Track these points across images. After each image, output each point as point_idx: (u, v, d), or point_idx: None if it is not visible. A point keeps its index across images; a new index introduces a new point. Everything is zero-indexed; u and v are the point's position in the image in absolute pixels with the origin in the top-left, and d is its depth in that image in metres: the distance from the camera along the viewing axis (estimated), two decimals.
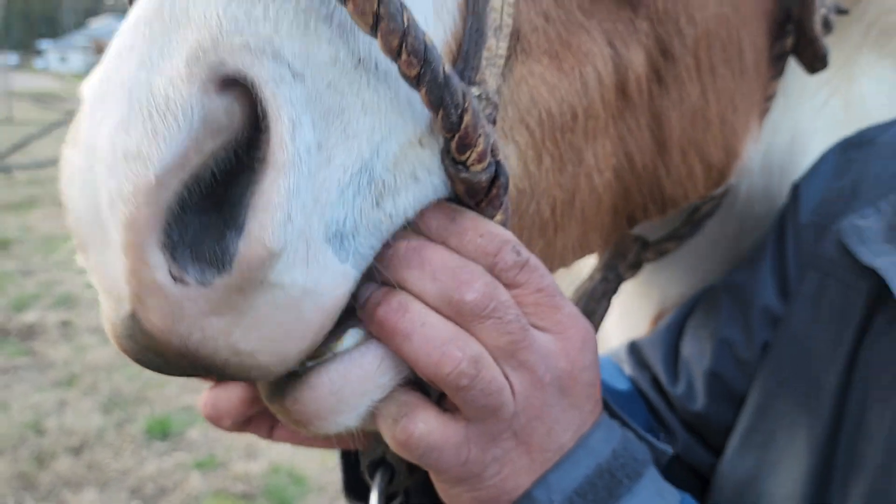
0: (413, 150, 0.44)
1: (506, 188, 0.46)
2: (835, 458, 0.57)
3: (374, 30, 0.40)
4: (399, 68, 0.41)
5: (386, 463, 0.58)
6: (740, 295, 0.72)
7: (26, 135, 9.46)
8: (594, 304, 0.73)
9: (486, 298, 0.43)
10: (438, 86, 0.41)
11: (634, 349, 0.82)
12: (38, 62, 74.44)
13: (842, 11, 0.71)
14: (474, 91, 0.45)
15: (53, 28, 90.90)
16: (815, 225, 0.67)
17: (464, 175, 0.44)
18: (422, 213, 0.45)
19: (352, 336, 0.45)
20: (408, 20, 0.40)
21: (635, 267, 0.76)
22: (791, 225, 0.70)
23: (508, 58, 0.48)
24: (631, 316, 0.87)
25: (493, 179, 0.45)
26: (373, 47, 0.41)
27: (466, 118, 0.42)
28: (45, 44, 78.17)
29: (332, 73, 0.41)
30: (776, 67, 0.71)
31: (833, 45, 0.69)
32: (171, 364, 0.44)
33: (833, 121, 0.75)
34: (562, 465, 0.47)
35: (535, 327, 0.46)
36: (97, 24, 69.69)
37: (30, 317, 5.24)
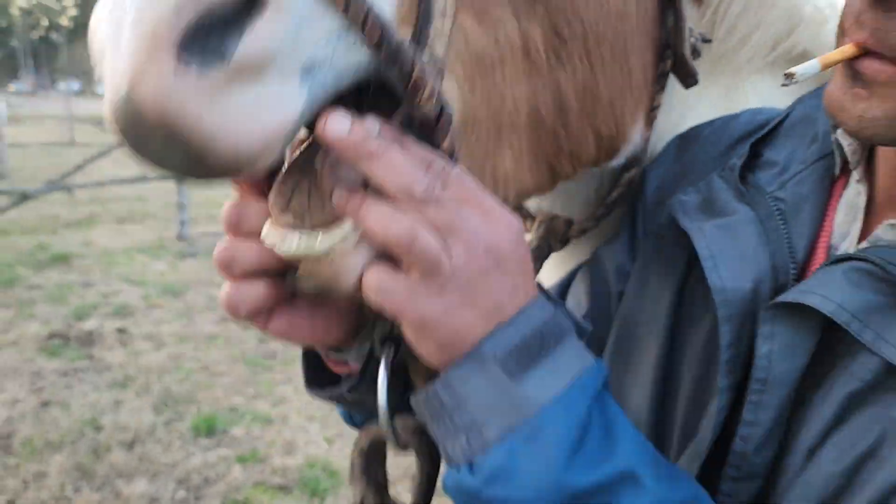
0: None
1: (450, 120, 0.58)
2: (669, 380, 0.74)
3: (346, 10, 0.52)
4: (364, 38, 0.53)
5: (393, 337, 0.67)
6: (606, 258, 0.91)
7: (87, 156, 9.95)
8: (537, 262, 0.92)
9: (428, 191, 0.55)
10: (392, 50, 0.54)
11: None
12: (99, 88, 77.26)
13: (707, 40, 0.88)
14: (426, 54, 0.59)
15: None
16: (656, 202, 0.85)
17: (416, 112, 0.57)
18: (384, 126, 0.57)
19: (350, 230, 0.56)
20: (368, 5, 0.52)
21: (563, 242, 0.93)
22: (640, 203, 0.88)
23: (451, 28, 0.62)
24: (553, 275, 1.05)
25: (440, 114, 0.58)
26: None
27: (416, 72, 0.55)
28: None
29: None
30: (660, 83, 0.88)
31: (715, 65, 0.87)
32: (149, 140, 0.49)
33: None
34: (504, 326, 0.58)
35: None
36: None
37: (89, 325, 5.57)
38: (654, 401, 0.75)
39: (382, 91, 0.58)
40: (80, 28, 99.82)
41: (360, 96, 0.60)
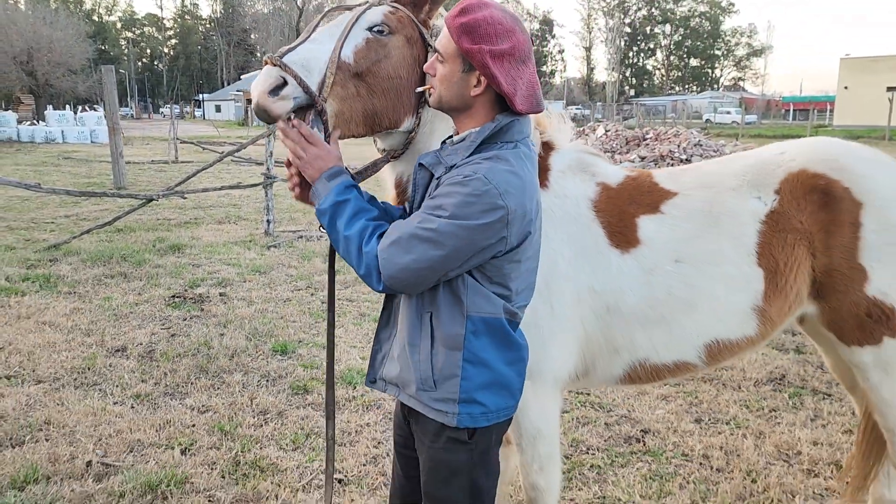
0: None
1: (327, 116, 2.13)
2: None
3: (302, 87, 2.07)
4: (305, 92, 2.07)
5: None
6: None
7: (188, 172, 12.12)
8: (372, 167, 2.48)
9: (301, 145, 2.09)
10: (312, 93, 2.07)
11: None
12: (197, 112, 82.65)
13: (432, 94, 2.48)
14: (325, 94, 2.12)
15: (211, 82, 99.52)
16: (426, 165, 2.20)
17: (320, 113, 2.13)
18: (299, 120, 2.13)
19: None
20: (309, 85, 2.07)
21: (394, 158, 2.53)
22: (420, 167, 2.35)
23: (331, 86, 2.13)
24: (388, 180, 2.62)
25: (324, 114, 2.12)
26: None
27: (318, 100, 2.09)
28: (203, 96, 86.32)
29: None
30: (420, 106, 2.39)
31: None
32: (258, 112, 2.03)
33: (444, 128, 2.50)
34: (327, 171, 2.07)
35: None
36: (247, 77, 76.37)
37: (199, 290, 7.45)
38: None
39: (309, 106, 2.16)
40: (179, 57, 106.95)
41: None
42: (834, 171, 2.56)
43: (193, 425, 4.37)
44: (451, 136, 2.12)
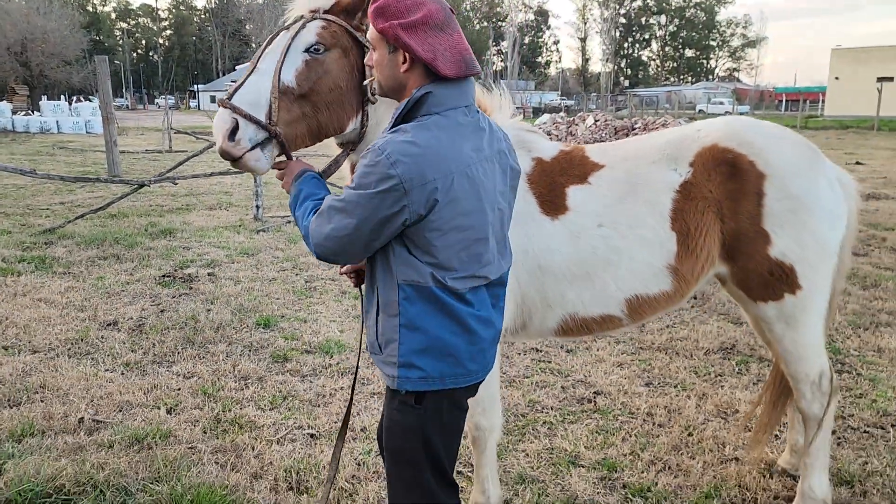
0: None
1: (282, 139, 2.43)
2: None
3: (255, 123, 2.37)
4: (259, 125, 2.38)
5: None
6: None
7: (184, 158, 12.43)
8: (335, 164, 2.81)
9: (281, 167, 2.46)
10: (264, 126, 2.38)
11: None
12: (192, 102, 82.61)
13: (373, 93, 2.76)
14: (275, 120, 2.41)
15: (206, 73, 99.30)
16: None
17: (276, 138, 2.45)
18: None
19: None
20: (239, 109, 2.36)
21: (352, 150, 2.86)
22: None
23: (278, 111, 2.44)
24: (345, 169, 2.93)
25: (280, 138, 2.43)
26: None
27: (270, 127, 2.40)
28: (198, 86, 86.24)
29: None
30: (364, 104, 2.64)
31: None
32: (221, 155, 2.42)
33: (388, 117, 2.80)
34: (298, 175, 2.37)
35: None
36: (241, 68, 76.27)
37: (189, 270, 7.77)
38: None
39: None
40: (175, 48, 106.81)
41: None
42: (741, 145, 2.89)
43: (179, 389, 4.70)
44: None
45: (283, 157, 2.51)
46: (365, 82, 2.54)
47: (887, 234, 9.69)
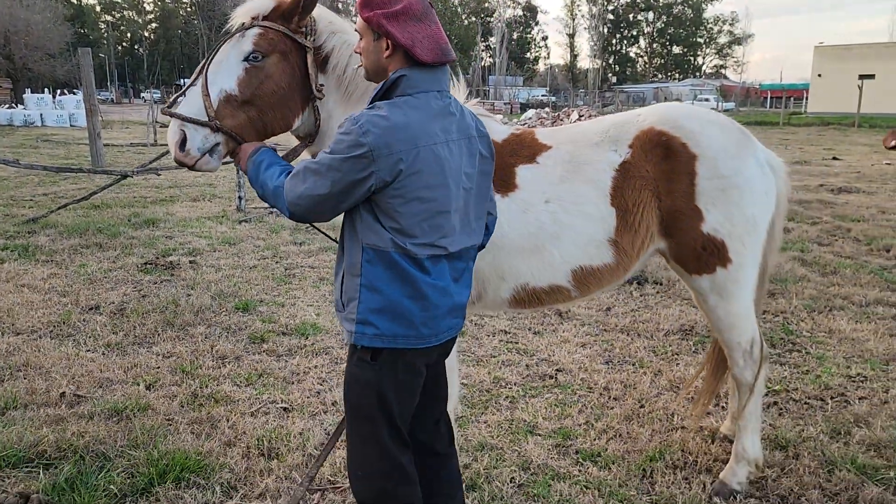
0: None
1: (230, 133, 2.64)
2: None
3: (204, 125, 2.57)
4: (186, 131, 2.57)
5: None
6: None
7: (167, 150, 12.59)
8: (293, 153, 3.00)
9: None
10: (217, 128, 2.59)
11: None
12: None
13: (320, 89, 2.88)
14: (214, 118, 2.59)
15: (192, 67, 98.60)
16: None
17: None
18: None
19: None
20: (183, 117, 2.56)
21: (311, 142, 3.04)
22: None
23: (217, 111, 2.62)
24: (302, 157, 3.13)
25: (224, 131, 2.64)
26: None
27: (214, 126, 2.60)
28: (184, 80, 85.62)
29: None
30: (313, 100, 2.80)
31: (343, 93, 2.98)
32: (179, 165, 2.64)
33: (339, 112, 2.98)
34: (254, 150, 2.57)
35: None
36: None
37: (171, 258, 7.94)
38: None
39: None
40: (160, 41, 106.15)
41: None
42: (675, 129, 3.11)
43: (158, 367, 4.89)
44: None
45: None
46: (356, 66, 2.68)
47: (853, 225, 9.99)
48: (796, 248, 8.54)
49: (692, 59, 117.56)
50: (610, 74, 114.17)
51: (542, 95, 73.98)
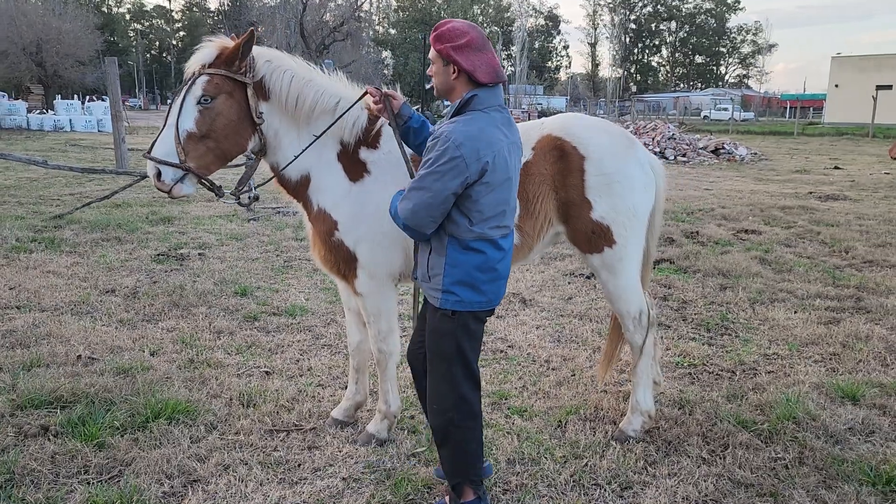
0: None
1: (194, 172, 3.34)
2: None
3: (176, 166, 3.27)
4: (160, 169, 3.29)
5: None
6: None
7: None
8: (250, 170, 3.71)
9: None
10: (187, 167, 3.29)
11: None
12: None
13: (259, 115, 3.58)
14: (184, 159, 3.30)
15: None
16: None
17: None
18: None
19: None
20: (157, 159, 3.27)
21: (263, 156, 3.72)
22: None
23: (186, 155, 3.32)
24: (266, 167, 3.83)
25: (190, 169, 3.32)
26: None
27: (183, 161, 3.30)
28: None
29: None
30: (260, 125, 3.50)
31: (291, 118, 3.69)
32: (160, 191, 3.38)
33: (284, 128, 3.68)
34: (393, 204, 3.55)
35: None
36: None
37: (182, 251, 8.74)
38: None
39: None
40: (188, 49, 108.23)
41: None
42: (567, 135, 3.79)
43: (162, 339, 5.63)
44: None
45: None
46: (428, 85, 3.37)
47: (824, 229, 10.54)
48: (761, 249, 9.13)
49: (714, 68, 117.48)
50: (631, 84, 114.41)
51: (566, 104, 74.42)
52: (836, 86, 52.51)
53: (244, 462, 3.74)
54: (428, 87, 3.50)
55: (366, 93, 3.49)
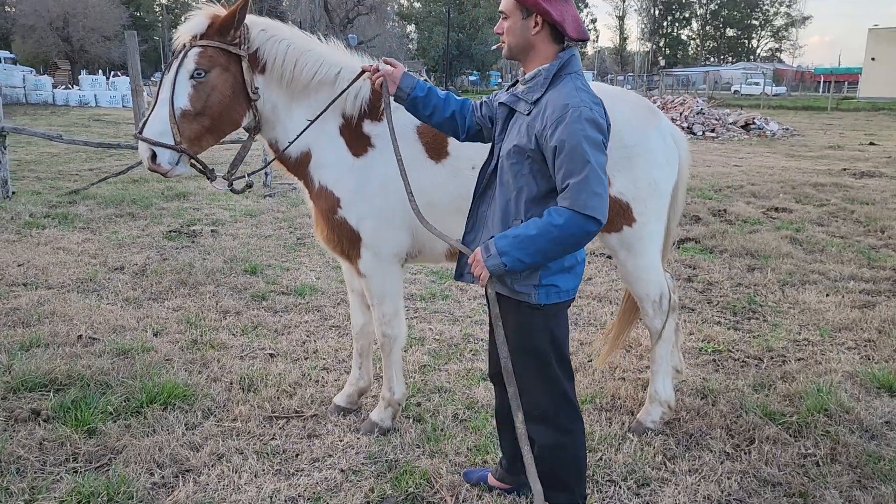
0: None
1: (187, 151, 3.09)
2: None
3: (169, 147, 3.01)
4: (155, 150, 3.03)
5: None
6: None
7: None
8: (242, 150, 3.45)
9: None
10: (181, 148, 3.04)
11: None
12: None
13: (255, 91, 3.31)
14: (179, 140, 3.05)
15: None
16: (506, 103, 2.67)
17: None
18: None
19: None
20: (150, 140, 3.00)
21: (257, 133, 3.48)
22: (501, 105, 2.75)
23: (181, 134, 3.08)
24: (265, 145, 3.59)
25: (184, 149, 3.08)
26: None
27: (177, 144, 3.05)
28: None
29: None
30: (255, 100, 3.25)
31: (288, 90, 3.45)
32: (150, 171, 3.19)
33: (281, 102, 3.48)
34: (492, 247, 3.31)
35: None
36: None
37: (194, 228, 8.61)
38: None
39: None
40: None
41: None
42: None
43: (167, 319, 5.48)
44: (516, 81, 2.78)
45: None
46: (493, 47, 3.16)
47: (859, 207, 10.11)
48: (792, 228, 8.75)
49: (746, 42, 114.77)
50: (660, 58, 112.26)
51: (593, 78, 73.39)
52: (873, 59, 50.90)
53: (239, 451, 3.57)
54: (493, 48, 3.18)
55: (363, 72, 3.24)
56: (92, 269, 6.67)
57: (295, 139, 3.38)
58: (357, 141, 3.49)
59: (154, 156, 3.03)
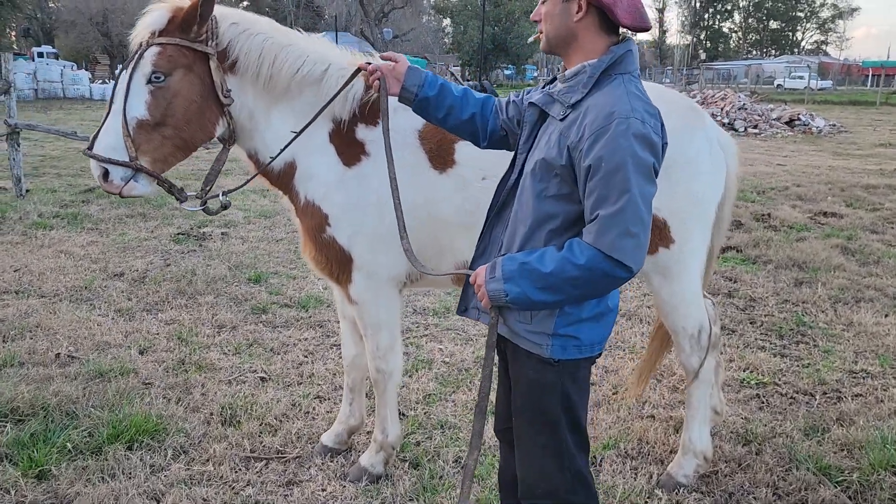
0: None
1: (142, 169, 2.61)
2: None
3: (123, 165, 2.57)
4: (107, 167, 2.58)
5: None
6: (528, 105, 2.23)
7: None
8: (217, 162, 2.97)
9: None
10: (119, 164, 2.58)
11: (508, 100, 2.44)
12: None
13: (227, 95, 2.80)
14: (134, 155, 2.59)
15: None
16: (536, 104, 2.15)
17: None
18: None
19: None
20: (100, 157, 2.54)
21: (231, 144, 3.01)
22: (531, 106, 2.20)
23: (136, 149, 2.61)
24: (241, 156, 3.13)
25: (141, 166, 2.61)
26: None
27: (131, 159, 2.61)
28: None
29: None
30: (226, 105, 2.80)
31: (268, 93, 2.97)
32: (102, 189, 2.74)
33: (260, 106, 3.02)
34: (501, 270, 2.83)
35: None
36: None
37: (205, 230, 8.24)
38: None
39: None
40: None
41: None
42: None
43: (157, 334, 5.08)
44: (553, 78, 2.22)
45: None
46: (531, 38, 2.58)
47: None
48: (843, 235, 8.06)
49: (790, 34, 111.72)
50: (700, 51, 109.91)
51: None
52: None
53: (206, 502, 3.12)
54: (530, 40, 2.64)
55: (359, 69, 2.75)
56: (90, 276, 6.31)
57: (279, 154, 2.91)
58: (349, 149, 3.02)
59: (106, 173, 2.58)
